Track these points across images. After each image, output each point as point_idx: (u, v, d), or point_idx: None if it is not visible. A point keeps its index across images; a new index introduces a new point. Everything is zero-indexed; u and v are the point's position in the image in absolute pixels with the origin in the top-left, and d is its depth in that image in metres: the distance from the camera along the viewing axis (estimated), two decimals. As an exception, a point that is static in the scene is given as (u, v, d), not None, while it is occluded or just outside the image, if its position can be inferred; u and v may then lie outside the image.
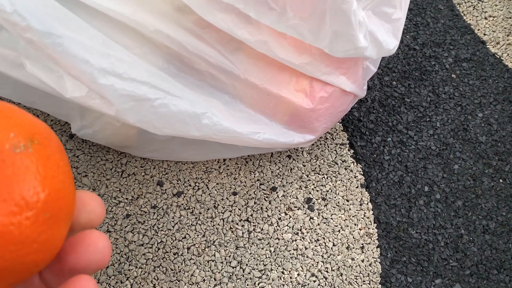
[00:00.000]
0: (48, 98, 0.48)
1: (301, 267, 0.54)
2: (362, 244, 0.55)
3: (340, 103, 0.50)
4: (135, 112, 0.42)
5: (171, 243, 0.54)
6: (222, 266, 0.53)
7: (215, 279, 0.52)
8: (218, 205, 0.57)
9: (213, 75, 0.45)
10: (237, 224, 0.56)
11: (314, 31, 0.39)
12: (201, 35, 0.42)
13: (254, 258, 0.54)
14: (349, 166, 0.60)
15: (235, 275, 0.53)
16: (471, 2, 0.74)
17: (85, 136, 0.53)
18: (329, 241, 0.55)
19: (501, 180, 0.60)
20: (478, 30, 0.71)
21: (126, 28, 0.40)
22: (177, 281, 0.52)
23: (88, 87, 0.41)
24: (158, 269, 0.53)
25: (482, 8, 0.73)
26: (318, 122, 0.49)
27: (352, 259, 0.54)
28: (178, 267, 0.53)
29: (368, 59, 0.51)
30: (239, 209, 0.57)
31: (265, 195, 0.58)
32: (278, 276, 0.53)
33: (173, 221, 0.55)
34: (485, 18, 0.72)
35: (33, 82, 0.43)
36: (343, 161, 0.60)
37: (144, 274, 0.52)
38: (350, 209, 0.57)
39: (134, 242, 0.54)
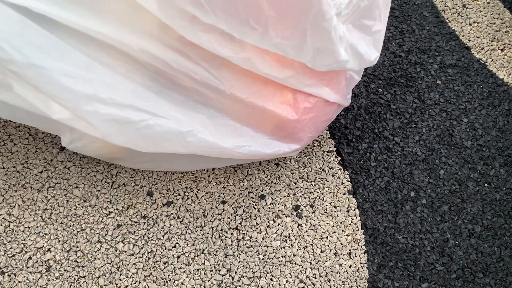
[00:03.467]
0: (36, 115, 0.49)
1: (290, 274, 0.55)
2: (349, 250, 0.56)
3: (324, 113, 0.51)
4: (120, 134, 0.43)
5: (161, 252, 0.55)
6: (211, 274, 0.54)
7: (204, 287, 0.53)
8: (207, 214, 0.58)
9: (198, 90, 0.46)
10: (226, 232, 0.57)
11: (296, 48, 0.40)
12: (186, 52, 0.43)
13: (243, 265, 0.55)
14: (336, 173, 0.61)
15: (225, 283, 0.54)
16: (456, 9, 0.75)
17: (75, 149, 0.54)
18: (317, 247, 0.56)
19: (486, 185, 0.61)
20: (463, 36, 0.72)
21: (109, 48, 0.41)
22: (167, 290, 0.53)
23: (73, 113, 0.42)
24: (148, 278, 0.54)
25: (467, 15, 0.75)
26: (303, 132, 0.50)
27: (340, 265, 0.55)
28: (168, 276, 0.54)
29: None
30: (228, 218, 0.58)
31: (254, 203, 0.59)
32: (267, 283, 0.54)
33: (163, 231, 0.56)
34: (470, 24, 0.74)
35: (20, 104, 0.44)
36: (330, 168, 0.61)
37: (135, 283, 0.53)
38: (337, 215, 0.58)
39: (125, 252, 0.55)
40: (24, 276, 0.53)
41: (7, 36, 0.36)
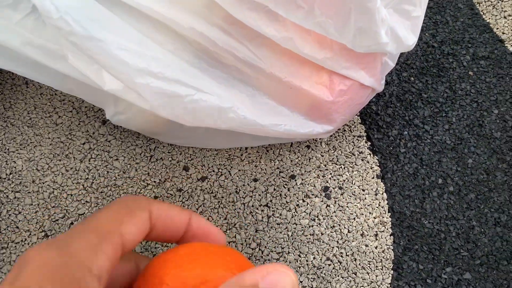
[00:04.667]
0: (86, 86, 0.52)
1: (317, 251, 0.57)
2: (376, 231, 0.58)
3: (359, 96, 0.53)
4: (167, 107, 0.46)
5: (195, 224, 0.58)
6: (242, 247, 0.57)
7: (235, 259, 0.56)
8: (239, 190, 0.60)
9: (239, 69, 0.48)
10: (257, 208, 0.59)
11: (339, 28, 0.42)
12: (230, 31, 0.45)
13: (272, 241, 0.57)
14: (366, 158, 0.63)
15: (254, 256, 0.56)
16: (491, 1, 0.75)
17: (118, 122, 0.57)
18: (345, 227, 0.58)
19: (514, 175, 0.62)
20: (497, 29, 0.73)
21: (160, 26, 0.44)
22: (200, 260, 0.56)
23: (125, 85, 0.44)
24: (182, 248, 0.56)
25: (502, 7, 0.75)
26: (337, 113, 0.52)
27: (366, 245, 0.57)
28: (201, 247, 0.56)
29: (386, 55, 0.53)
30: (259, 195, 0.60)
31: (284, 183, 0.61)
32: (294, 259, 0.56)
33: (197, 204, 0.59)
34: (504, 18, 0.74)
35: (73, 74, 0.47)
36: (360, 153, 0.63)
37: (169, 252, 0.56)
38: (365, 198, 0.60)
39: (161, 222, 0.58)
40: (66, 240, 0.56)
41: (69, 10, 0.39)
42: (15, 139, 0.62)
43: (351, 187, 0.61)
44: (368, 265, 0.56)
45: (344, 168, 0.62)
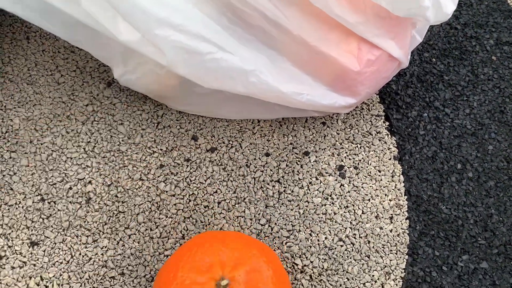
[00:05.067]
0: (95, 39, 0.48)
1: (329, 231, 0.54)
2: (391, 214, 0.55)
3: (386, 69, 0.50)
4: (186, 64, 0.42)
5: (202, 196, 0.54)
6: (251, 223, 0.54)
7: (243, 235, 0.53)
8: (250, 164, 0.57)
9: (264, 29, 0.45)
10: (268, 184, 0.56)
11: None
12: (258, -15, 0.41)
13: (283, 218, 0.54)
14: (383, 138, 0.60)
15: (264, 232, 0.53)
16: (519, -15, 0.73)
17: (127, 82, 0.53)
18: (359, 208, 0.55)
19: (534, 165, 0.60)
20: (523, 14, 0.70)
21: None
22: (206, 233, 0.53)
23: (143, 35, 0.41)
24: (188, 220, 0.53)
25: (529, -7, 0.72)
26: (362, 85, 0.49)
27: (381, 228, 0.55)
28: (208, 220, 0.53)
29: (416, 27, 0.50)
30: (271, 170, 0.57)
31: (297, 159, 0.58)
32: (305, 238, 0.53)
33: (205, 175, 0.56)
34: (531, 3, 0.71)
35: (86, 20, 0.43)
36: (377, 132, 0.60)
37: (174, 223, 0.53)
38: (381, 179, 0.57)
39: (166, 192, 0.54)
40: (64, 205, 0.53)
41: None
42: (13, 96, 0.58)
43: (367, 167, 0.58)
44: (382, 248, 0.53)
45: (360, 147, 0.59)
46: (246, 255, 0.38)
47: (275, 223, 0.54)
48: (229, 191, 0.55)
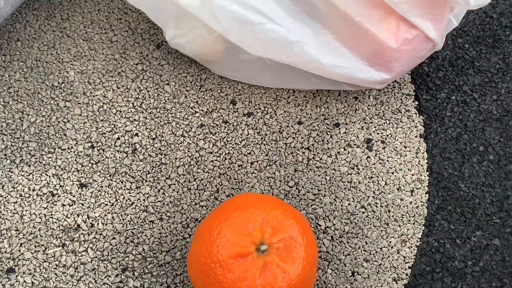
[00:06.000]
0: (153, 1, 0.52)
1: (353, 198, 0.58)
2: (412, 188, 0.59)
3: (421, 49, 0.53)
4: (237, 32, 0.46)
5: (237, 156, 0.59)
6: (280, 184, 0.58)
7: (272, 194, 0.57)
8: (283, 130, 0.61)
9: (312, 3, 0.48)
10: (298, 150, 0.60)
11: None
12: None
13: (310, 182, 0.58)
14: (412, 116, 0.63)
15: (291, 194, 0.58)
16: (559, -22, 0.74)
17: (177, 45, 0.57)
18: (382, 180, 0.59)
19: (555, 154, 0.62)
20: (560, 7, 0.72)
21: None
22: (238, 189, 0.57)
23: (203, 4, 0.45)
24: (222, 176, 0.58)
25: None
26: (398, 62, 0.52)
27: (401, 199, 0.58)
28: (241, 177, 0.58)
29: (454, 11, 0.53)
30: (302, 138, 0.61)
31: (328, 129, 0.62)
32: (330, 202, 0.57)
33: (241, 137, 0.60)
34: None
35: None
36: (406, 111, 0.63)
37: (210, 178, 0.57)
38: (406, 155, 0.61)
39: (205, 149, 0.59)
40: (112, 153, 0.58)
41: None
42: (69, 50, 0.63)
43: (394, 142, 0.61)
44: (401, 218, 0.57)
45: (389, 123, 0.62)
46: (284, 224, 0.42)
47: (303, 186, 0.58)
48: (261, 153, 0.59)
